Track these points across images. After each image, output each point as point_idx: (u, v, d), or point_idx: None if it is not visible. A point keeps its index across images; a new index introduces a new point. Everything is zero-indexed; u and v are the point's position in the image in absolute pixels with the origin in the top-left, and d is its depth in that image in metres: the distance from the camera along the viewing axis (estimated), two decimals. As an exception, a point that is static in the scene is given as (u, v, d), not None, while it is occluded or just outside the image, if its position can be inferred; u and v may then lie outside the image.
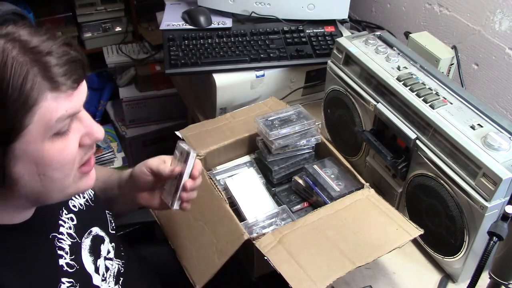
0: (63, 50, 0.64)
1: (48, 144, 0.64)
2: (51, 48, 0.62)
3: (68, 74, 0.63)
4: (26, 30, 0.63)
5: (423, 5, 1.44)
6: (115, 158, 2.10)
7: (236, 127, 1.22)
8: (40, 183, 0.66)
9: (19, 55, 0.60)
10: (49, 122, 0.63)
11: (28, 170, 0.64)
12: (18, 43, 0.61)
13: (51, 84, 0.62)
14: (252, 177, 1.13)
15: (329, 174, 1.08)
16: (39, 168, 0.65)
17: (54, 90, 0.62)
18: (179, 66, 1.34)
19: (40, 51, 0.61)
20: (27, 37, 0.62)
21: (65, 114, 0.64)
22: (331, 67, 1.18)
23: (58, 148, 0.65)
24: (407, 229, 0.93)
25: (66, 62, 0.63)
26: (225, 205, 0.99)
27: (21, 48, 0.61)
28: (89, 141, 0.70)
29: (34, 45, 0.61)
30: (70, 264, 0.77)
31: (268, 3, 1.46)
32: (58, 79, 0.62)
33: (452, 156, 0.91)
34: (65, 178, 0.69)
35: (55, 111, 0.63)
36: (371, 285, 1.00)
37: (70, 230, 0.81)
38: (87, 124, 0.70)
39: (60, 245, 0.77)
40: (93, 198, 0.92)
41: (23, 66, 0.60)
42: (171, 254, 1.01)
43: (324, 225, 0.94)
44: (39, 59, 0.61)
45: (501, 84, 1.25)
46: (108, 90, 2.45)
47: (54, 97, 0.62)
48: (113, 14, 2.40)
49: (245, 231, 0.93)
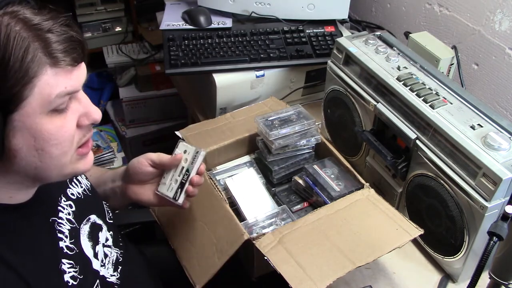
0: (63, 29, 0.66)
1: (46, 119, 0.66)
2: (52, 26, 0.65)
3: (68, 51, 0.66)
4: (29, 9, 0.65)
5: (423, 5, 1.44)
6: (115, 158, 2.10)
7: (236, 127, 1.22)
8: (38, 158, 0.68)
9: (22, 30, 0.63)
10: (48, 97, 0.65)
11: (26, 143, 0.66)
12: (21, 20, 0.63)
13: (51, 59, 0.64)
14: (252, 177, 1.13)
15: (329, 174, 1.08)
16: (37, 142, 0.67)
17: (53, 65, 0.64)
18: (179, 66, 1.34)
19: (41, 28, 0.64)
20: (30, 15, 0.64)
21: (64, 91, 0.66)
22: (331, 67, 1.18)
23: (56, 124, 0.67)
24: (407, 229, 0.93)
25: (65, 40, 0.66)
26: (225, 205, 0.99)
27: (24, 24, 0.63)
28: (87, 122, 0.72)
29: (36, 23, 0.64)
30: (69, 247, 0.79)
31: (268, 3, 1.46)
32: (58, 55, 0.65)
33: (452, 156, 0.91)
34: (63, 155, 0.70)
35: (54, 86, 0.65)
36: (371, 285, 1.00)
37: (69, 216, 0.83)
38: (85, 105, 0.72)
39: (59, 229, 0.79)
40: (90, 188, 0.94)
41: (25, 40, 0.62)
42: (171, 254, 1.02)
43: (324, 225, 0.94)
44: (41, 35, 0.63)
45: (501, 84, 1.25)
46: (108, 90, 2.45)
47: (53, 73, 0.65)
48: (113, 14, 2.40)
49: (245, 231, 0.93)
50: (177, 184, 0.91)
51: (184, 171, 0.91)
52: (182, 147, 0.93)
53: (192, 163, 0.91)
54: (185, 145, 0.93)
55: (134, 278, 0.97)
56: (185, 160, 0.92)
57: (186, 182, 0.90)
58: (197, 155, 0.91)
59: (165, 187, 0.92)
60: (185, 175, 0.90)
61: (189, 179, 0.90)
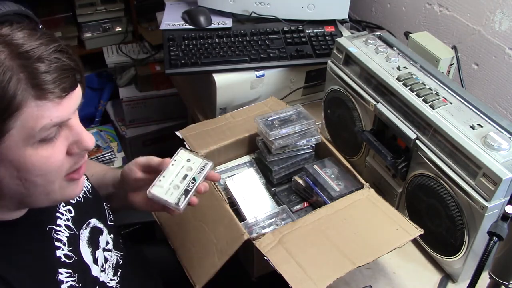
0: (54, 57, 0.62)
1: (31, 150, 0.63)
2: (42, 54, 0.61)
3: (57, 82, 0.62)
4: (21, 33, 0.62)
5: (423, 5, 1.44)
6: (115, 158, 2.10)
7: (236, 127, 1.22)
8: (23, 186, 0.66)
9: (7, 59, 0.59)
10: (32, 130, 0.62)
11: (9, 173, 0.64)
12: (8, 47, 0.60)
13: (37, 91, 0.60)
14: (252, 177, 1.13)
15: (329, 174, 1.08)
16: (20, 173, 0.64)
17: (39, 98, 0.61)
18: (179, 66, 1.34)
19: (30, 56, 0.60)
20: (20, 41, 0.61)
21: (50, 123, 0.63)
22: (331, 67, 1.18)
23: (42, 155, 0.64)
24: (407, 229, 0.93)
25: (56, 69, 0.62)
26: (225, 205, 0.98)
27: (11, 52, 0.60)
28: (77, 150, 0.69)
29: (25, 50, 0.60)
30: (68, 255, 0.78)
31: (268, 3, 1.46)
32: (46, 86, 0.61)
33: (452, 156, 0.91)
34: (48, 184, 0.68)
35: (39, 119, 0.61)
36: (371, 285, 1.00)
37: (68, 222, 0.82)
38: (76, 132, 0.68)
39: (57, 237, 0.78)
40: (90, 190, 0.93)
41: (8, 71, 0.59)
42: (171, 254, 1.01)
43: (324, 225, 0.94)
44: (28, 65, 0.60)
45: (501, 84, 1.25)
46: (108, 90, 2.45)
47: (38, 105, 0.61)
48: (113, 14, 2.40)
49: (245, 231, 0.93)
50: (180, 190, 0.87)
51: (189, 179, 0.87)
52: (184, 155, 0.90)
53: (200, 173, 0.88)
54: (189, 154, 0.90)
55: (134, 280, 0.96)
56: (188, 168, 0.88)
57: (191, 190, 0.86)
58: (205, 167, 0.88)
59: (162, 190, 0.87)
60: (191, 183, 0.87)
61: (195, 187, 0.87)
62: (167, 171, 0.87)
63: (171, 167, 0.88)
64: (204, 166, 0.89)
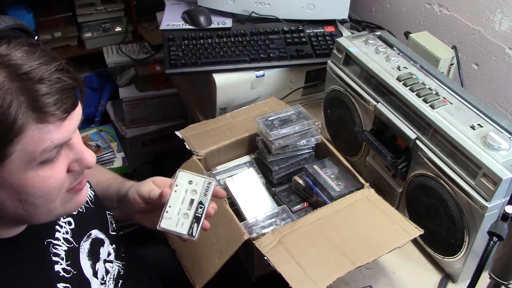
0: (56, 77, 0.60)
1: (31, 173, 0.62)
2: (43, 75, 0.59)
3: (58, 103, 0.60)
4: (20, 51, 0.60)
5: (423, 5, 1.44)
6: (115, 158, 2.10)
7: (236, 127, 1.21)
8: (22, 208, 0.65)
9: (6, 81, 0.57)
10: (33, 153, 0.60)
11: (9, 196, 0.63)
12: (6, 68, 0.58)
13: (38, 114, 0.58)
14: (252, 177, 1.13)
15: (329, 174, 1.08)
16: (21, 196, 0.63)
17: (40, 121, 0.59)
18: (179, 66, 1.34)
19: (30, 78, 0.58)
20: (19, 61, 0.59)
21: (51, 146, 0.61)
22: (331, 67, 1.18)
23: (42, 176, 0.63)
24: (407, 229, 0.93)
25: (58, 90, 0.60)
26: (225, 205, 0.98)
27: (10, 74, 0.57)
28: (78, 168, 0.68)
29: (25, 71, 0.58)
30: (66, 269, 0.76)
31: (268, 3, 1.46)
32: (47, 109, 0.59)
33: (452, 156, 0.91)
34: (49, 203, 0.67)
35: (41, 142, 0.60)
36: (371, 285, 1.00)
37: (67, 235, 0.80)
38: (77, 151, 0.67)
39: (55, 251, 0.76)
40: (93, 199, 0.91)
41: (8, 95, 0.56)
42: (171, 254, 1.01)
43: (324, 225, 0.94)
44: (28, 87, 0.58)
45: (501, 84, 1.25)
46: (108, 90, 2.45)
47: (40, 128, 0.59)
48: (113, 14, 2.40)
49: (245, 231, 0.93)
50: (190, 218, 0.82)
51: (196, 204, 0.82)
52: (185, 177, 0.83)
53: (206, 195, 0.82)
54: (190, 176, 0.84)
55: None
56: (192, 192, 0.83)
57: (201, 216, 0.82)
58: (209, 186, 0.83)
59: (172, 222, 0.82)
60: (199, 208, 0.81)
61: (204, 212, 0.82)
62: (171, 200, 0.82)
63: (174, 194, 0.83)
64: (208, 185, 0.83)
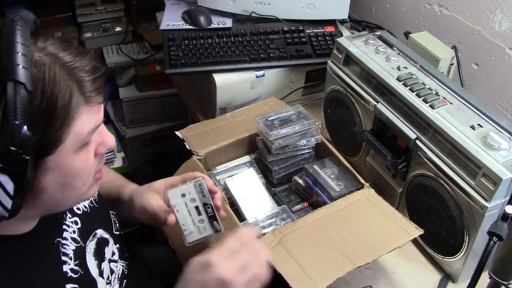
0: (93, 65, 0.65)
1: (75, 155, 0.66)
2: (83, 65, 0.64)
3: (99, 88, 0.66)
4: (54, 45, 0.63)
5: (423, 5, 1.44)
6: (115, 158, 2.10)
7: (236, 127, 1.22)
8: (62, 191, 0.68)
9: (61, 71, 0.61)
10: (81, 135, 0.65)
11: (54, 180, 0.65)
12: (54, 59, 0.61)
13: (85, 99, 0.64)
14: (252, 177, 1.13)
15: (329, 174, 1.08)
16: (65, 179, 0.66)
17: (87, 104, 0.64)
18: (179, 66, 1.34)
19: (75, 67, 0.63)
20: (61, 53, 0.63)
21: (94, 127, 0.67)
22: (331, 67, 1.18)
23: (82, 158, 0.67)
24: (407, 229, 0.93)
25: (97, 78, 0.65)
26: (225, 205, 0.98)
27: (61, 64, 0.62)
28: (103, 150, 0.73)
29: (69, 61, 0.63)
30: (74, 269, 0.77)
31: (268, 3, 1.46)
32: (91, 94, 0.64)
33: (452, 156, 0.91)
34: (83, 186, 0.71)
35: (87, 125, 0.65)
36: (371, 285, 1.00)
37: (74, 234, 0.81)
38: (102, 134, 0.72)
39: (64, 251, 0.77)
40: (97, 199, 0.92)
41: (65, 82, 0.61)
42: (171, 254, 1.01)
43: (324, 225, 0.94)
44: (75, 75, 0.63)
45: (501, 84, 1.25)
46: (108, 90, 2.44)
47: (87, 112, 0.65)
48: (113, 14, 2.40)
49: (245, 231, 0.93)
50: (206, 220, 0.84)
51: (202, 208, 0.84)
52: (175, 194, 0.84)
53: (204, 196, 0.84)
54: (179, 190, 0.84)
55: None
56: (191, 200, 0.84)
57: (214, 212, 0.84)
58: (201, 187, 0.84)
59: (195, 233, 0.84)
60: (207, 208, 0.84)
61: (214, 207, 0.84)
62: (180, 219, 0.84)
63: (179, 213, 0.84)
64: (200, 187, 0.84)
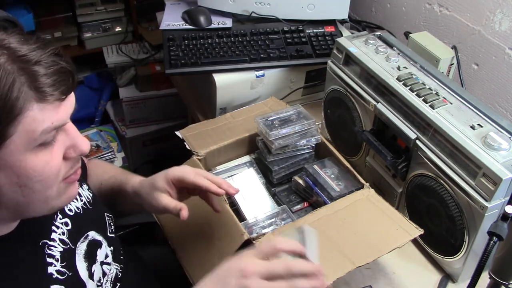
0: (52, 60, 0.62)
1: (31, 155, 0.63)
2: (40, 58, 0.61)
3: (56, 84, 0.62)
4: (16, 37, 0.62)
5: (423, 5, 1.44)
6: (115, 158, 2.10)
7: (236, 127, 1.21)
8: (21, 193, 0.65)
9: (7, 63, 0.59)
10: (34, 134, 0.61)
11: (9, 180, 0.63)
12: (6, 50, 0.60)
13: (38, 94, 0.60)
14: (252, 177, 1.13)
15: (329, 174, 1.08)
16: (20, 179, 0.63)
17: (40, 100, 0.61)
18: (179, 66, 1.34)
19: (28, 60, 0.60)
20: (17, 45, 0.61)
21: (51, 126, 0.63)
22: (331, 67, 1.18)
23: (41, 160, 0.64)
24: (407, 229, 0.93)
25: (54, 72, 0.62)
26: (225, 205, 0.98)
27: (9, 56, 0.59)
28: (74, 154, 0.69)
29: (23, 54, 0.60)
30: (60, 271, 0.76)
31: (268, 3, 1.46)
32: (46, 89, 0.61)
33: (452, 156, 0.91)
34: (47, 189, 0.67)
35: (40, 122, 0.61)
36: (371, 285, 1.00)
37: (63, 236, 0.80)
38: (72, 137, 0.68)
39: (50, 253, 0.75)
40: (91, 201, 0.90)
41: (10, 75, 0.58)
42: (171, 254, 1.01)
43: (324, 225, 0.94)
44: (27, 68, 0.60)
45: (501, 84, 1.25)
46: (108, 90, 2.45)
47: (40, 108, 0.61)
48: (113, 14, 2.40)
49: (245, 231, 0.93)
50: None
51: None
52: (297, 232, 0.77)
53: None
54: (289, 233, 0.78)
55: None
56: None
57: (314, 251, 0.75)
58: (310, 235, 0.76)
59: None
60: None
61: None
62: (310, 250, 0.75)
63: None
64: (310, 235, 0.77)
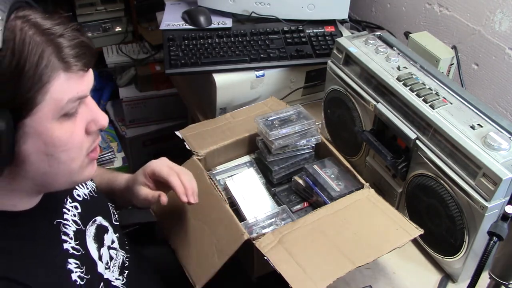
0: (74, 34, 0.66)
1: (57, 124, 0.66)
2: (64, 31, 0.65)
3: (78, 56, 0.66)
4: (39, 14, 0.66)
5: (423, 5, 1.44)
6: (115, 158, 2.10)
7: (236, 127, 1.21)
8: (48, 163, 0.68)
9: (35, 34, 0.63)
10: (60, 102, 0.65)
11: (36, 148, 0.66)
12: (33, 24, 0.63)
13: (63, 64, 0.65)
14: (252, 177, 1.13)
15: (329, 174, 1.08)
16: (48, 148, 0.67)
17: (66, 70, 0.65)
18: (179, 66, 1.34)
19: (53, 32, 0.64)
20: (41, 20, 0.64)
21: (76, 96, 0.67)
22: (331, 67, 1.18)
23: (66, 129, 0.68)
24: (407, 229, 0.93)
25: (77, 45, 0.66)
26: (225, 205, 0.98)
27: (36, 29, 0.63)
28: (95, 128, 0.73)
29: (48, 27, 0.64)
30: (75, 247, 0.79)
31: (268, 3, 1.46)
32: (70, 60, 0.65)
33: (452, 156, 0.91)
34: (72, 161, 0.71)
35: (66, 91, 0.65)
36: (371, 285, 1.00)
37: (75, 217, 0.83)
38: (93, 110, 0.72)
39: (64, 230, 0.79)
40: (95, 189, 0.94)
41: (39, 45, 0.62)
42: (171, 254, 1.01)
43: (324, 225, 0.94)
44: (53, 40, 0.64)
45: (501, 84, 1.25)
46: (108, 90, 2.45)
47: (66, 78, 0.65)
48: (113, 14, 2.40)
49: (245, 231, 0.93)
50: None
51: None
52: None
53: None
54: None
55: (140, 283, 0.96)
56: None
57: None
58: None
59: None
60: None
61: None
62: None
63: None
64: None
